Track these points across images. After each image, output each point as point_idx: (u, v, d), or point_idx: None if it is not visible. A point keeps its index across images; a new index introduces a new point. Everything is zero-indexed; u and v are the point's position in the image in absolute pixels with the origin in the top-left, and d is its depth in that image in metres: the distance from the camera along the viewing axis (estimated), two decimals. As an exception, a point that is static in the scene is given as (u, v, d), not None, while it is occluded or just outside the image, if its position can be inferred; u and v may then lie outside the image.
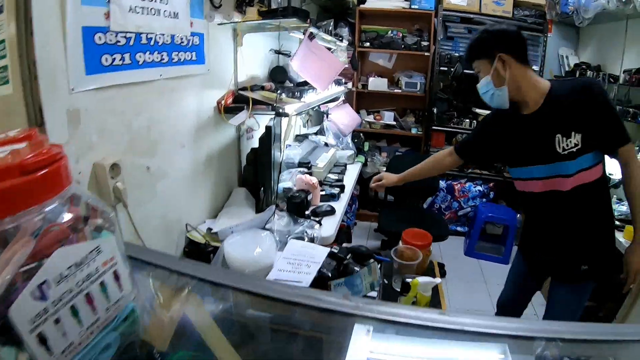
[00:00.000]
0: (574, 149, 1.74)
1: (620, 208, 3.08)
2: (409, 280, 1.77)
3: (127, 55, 1.54)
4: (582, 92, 1.73)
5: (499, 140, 2.00)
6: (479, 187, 4.86)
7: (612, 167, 2.11)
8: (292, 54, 2.46)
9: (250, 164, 2.60)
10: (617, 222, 2.62)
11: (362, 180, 4.83)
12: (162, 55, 1.74)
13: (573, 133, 1.73)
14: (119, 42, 1.50)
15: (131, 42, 1.56)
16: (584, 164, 1.77)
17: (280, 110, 2.25)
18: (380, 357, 0.74)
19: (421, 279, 1.75)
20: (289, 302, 0.83)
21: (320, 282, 1.72)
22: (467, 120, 4.81)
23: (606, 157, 1.86)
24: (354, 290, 1.73)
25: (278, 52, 2.61)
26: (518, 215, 4.41)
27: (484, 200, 4.86)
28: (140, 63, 1.62)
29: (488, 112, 2.14)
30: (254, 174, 2.50)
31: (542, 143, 1.80)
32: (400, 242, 2.18)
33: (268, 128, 2.29)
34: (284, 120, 2.37)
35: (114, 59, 1.48)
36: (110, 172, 1.47)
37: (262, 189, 2.40)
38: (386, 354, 0.75)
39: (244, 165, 2.68)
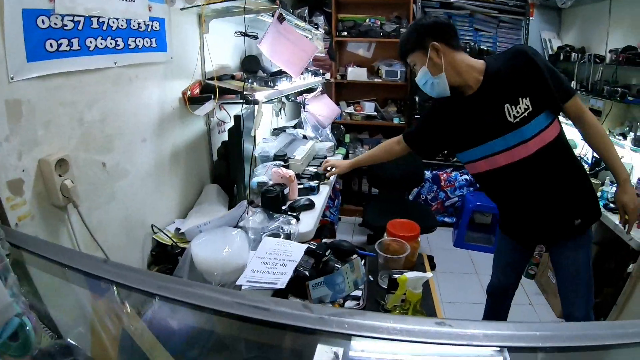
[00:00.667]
0: (525, 114, 1.78)
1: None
2: (396, 276, 1.63)
3: (75, 41, 1.43)
4: (516, 57, 1.81)
5: (447, 128, 2.02)
6: (465, 176, 4.79)
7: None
8: (260, 37, 2.35)
9: (221, 159, 2.51)
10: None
11: (345, 174, 4.75)
12: (116, 41, 1.62)
13: (520, 99, 1.78)
14: (66, 26, 1.39)
15: (80, 27, 1.44)
16: (540, 126, 1.81)
17: (250, 98, 2.14)
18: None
19: (410, 275, 1.59)
20: (226, 313, 0.66)
21: (297, 283, 1.60)
22: (450, 108, 4.73)
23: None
24: (335, 290, 1.62)
25: (244, 34, 2.48)
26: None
27: (471, 189, 4.80)
28: (91, 49, 1.50)
29: None
30: (226, 169, 2.41)
31: (493, 117, 1.83)
32: (386, 235, 2.06)
33: (237, 117, 2.19)
34: (257, 110, 2.25)
35: (60, 45, 1.37)
36: (57, 169, 1.36)
37: (235, 184, 2.30)
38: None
39: (215, 160, 2.57)
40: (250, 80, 2.33)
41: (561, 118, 1.91)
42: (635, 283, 2.50)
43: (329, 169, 2.64)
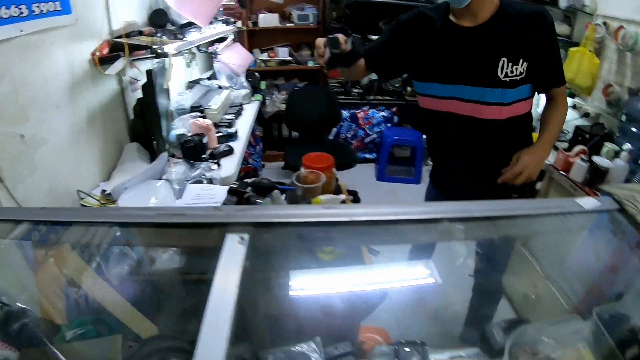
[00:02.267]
0: (517, 78, 1.65)
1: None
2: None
3: (-21, 12, 1.47)
4: (535, 17, 1.62)
5: (422, 51, 1.78)
6: (382, 113, 5.08)
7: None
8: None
9: (138, 116, 2.60)
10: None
11: (264, 120, 4.93)
12: (20, 9, 1.65)
13: (521, 60, 1.63)
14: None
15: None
16: (521, 95, 1.72)
17: (160, 51, 2.26)
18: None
19: (323, 197, 1.79)
20: (150, 224, 0.83)
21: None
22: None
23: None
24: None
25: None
26: (424, 137, 4.70)
27: (389, 125, 5.11)
28: (-4, 20, 1.55)
29: None
30: (143, 126, 2.51)
31: (484, 63, 1.66)
32: (302, 169, 2.18)
33: (149, 72, 2.30)
34: (168, 63, 2.37)
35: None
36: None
37: (154, 140, 2.44)
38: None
39: (132, 119, 2.66)
40: (159, 35, 2.43)
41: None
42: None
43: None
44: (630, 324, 1.10)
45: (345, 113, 4.94)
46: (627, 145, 2.64)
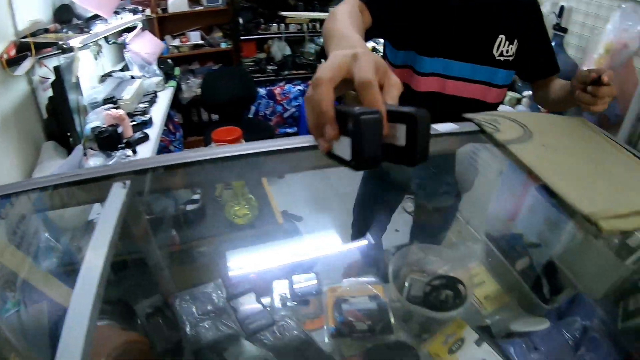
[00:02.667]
0: (509, 58, 1.52)
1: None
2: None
3: None
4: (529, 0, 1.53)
5: (419, 16, 1.49)
6: (299, 87, 5.27)
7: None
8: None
9: (51, 115, 2.65)
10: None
11: (183, 107, 5.02)
12: None
13: (515, 41, 1.51)
14: None
15: None
16: (507, 80, 1.59)
17: (65, 47, 2.35)
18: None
19: None
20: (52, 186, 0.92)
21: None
22: (275, 25, 5.11)
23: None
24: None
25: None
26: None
27: (306, 97, 5.31)
28: None
29: (297, 13, 1.79)
30: (58, 124, 2.57)
31: (481, 38, 1.51)
32: (212, 144, 2.31)
33: (56, 69, 2.37)
34: (74, 57, 2.45)
35: None
36: None
37: (69, 136, 2.52)
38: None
39: (46, 118, 2.71)
40: (65, 30, 2.51)
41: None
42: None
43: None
44: (520, 240, 1.30)
45: (262, 91, 5.10)
46: (527, 92, 3.02)
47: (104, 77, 3.70)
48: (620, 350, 1.07)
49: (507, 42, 1.49)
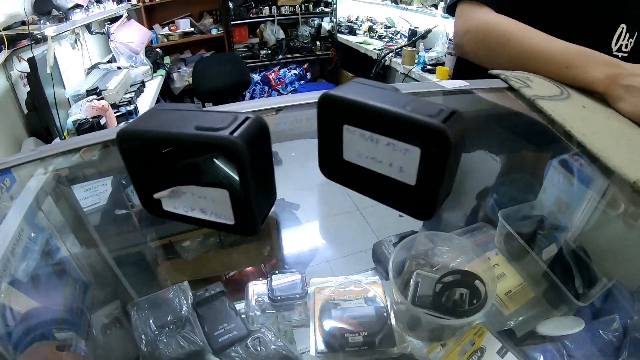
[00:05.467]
0: (625, 55, 1.20)
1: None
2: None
3: None
4: None
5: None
6: (294, 71, 5.11)
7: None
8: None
9: (31, 110, 2.53)
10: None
11: (176, 97, 4.86)
12: None
13: (637, 33, 1.19)
14: None
15: None
16: None
17: (39, 36, 2.20)
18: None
19: None
20: None
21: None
22: (267, 7, 4.92)
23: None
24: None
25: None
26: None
27: (302, 82, 5.15)
28: None
29: None
30: (38, 119, 2.45)
31: (600, 26, 1.18)
32: None
33: (31, 60, 2.23)
34: (48, 46, 2.30)
35: None
36: None
37: (50, 131, 2.38)
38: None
39: (26, 113, 2.58)
40: (42, 21, 2.36)
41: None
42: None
43: None
44: (544, 224, 1.10)
45: (256, 77, 4.95)
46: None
47: (90, 70, 3.53)
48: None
49: (627, 35, 1.17)
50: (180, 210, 0.44)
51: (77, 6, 2.77)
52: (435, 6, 3.66)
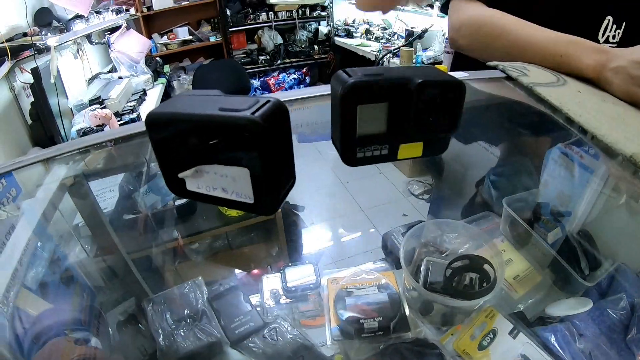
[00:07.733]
0: (614, 46, 1.17)
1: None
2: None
3: None
4: None
5: None
6: (293, 76, 5.14)
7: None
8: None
9: (35, 120, 2.53)
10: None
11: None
12: None
13: (624, 24, 1.18)
14: None
15: None
16: None
17: (42, 47, 2.22)
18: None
19: None
20: None
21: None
22: (264, 13, 4.95)
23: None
24: (162, 194, 1.88)
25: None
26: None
27: (302, 86, 5.16)
28: None
29: (285, 0, 1.72)
30: (43, 129, 2.46)
31: (586, 18, 1.19)
32: None
33: (34, 70, 2.25)
34: (51, 56, 2.33)
35: None
36: None
37: (54, 140, 2.40)
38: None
39: (31, 124, 2.59)
40: (44, 32, 2.39)
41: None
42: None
43: None
44: (547, 208, 1.11)
45: (255, 82, 4.97)
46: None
47: (91, 80, 3.56)
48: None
49: (614, 26, 1.18)
50: (203, 190, 0.46)
51: (78, 17, 2.78)
52: (431, 6, 3.71)
